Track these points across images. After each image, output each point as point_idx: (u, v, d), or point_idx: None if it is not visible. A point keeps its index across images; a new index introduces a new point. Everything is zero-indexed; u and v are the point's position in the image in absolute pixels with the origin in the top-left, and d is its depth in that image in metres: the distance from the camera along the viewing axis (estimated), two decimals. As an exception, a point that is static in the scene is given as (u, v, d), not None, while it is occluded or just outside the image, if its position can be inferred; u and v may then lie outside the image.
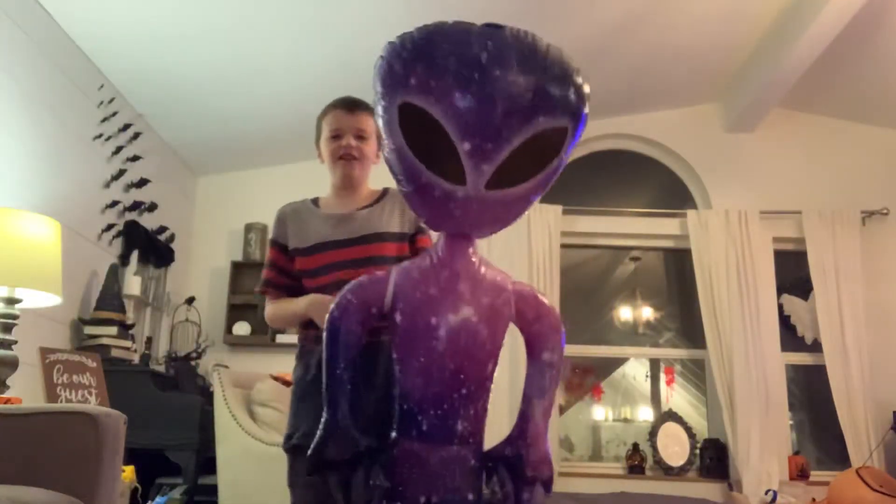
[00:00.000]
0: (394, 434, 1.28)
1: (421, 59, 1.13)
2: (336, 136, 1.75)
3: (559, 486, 4.35)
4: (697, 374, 5.32)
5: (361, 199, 1.80)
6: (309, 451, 1.28)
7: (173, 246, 4.46)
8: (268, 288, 1.81)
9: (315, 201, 1.84)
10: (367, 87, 1.52)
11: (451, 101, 1.12)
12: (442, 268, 1.25)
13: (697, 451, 4.68)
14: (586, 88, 1.21)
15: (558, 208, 4.84)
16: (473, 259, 1.26)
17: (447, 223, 1.25)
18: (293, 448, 1.70)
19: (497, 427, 4.33)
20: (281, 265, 1.79)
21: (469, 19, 1.20)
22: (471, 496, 1.27)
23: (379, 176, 1.71)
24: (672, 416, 4.83)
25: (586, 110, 1.21)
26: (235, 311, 4.70)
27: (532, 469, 1.27)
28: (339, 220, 1.77)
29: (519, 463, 1.28)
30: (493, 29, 1.16)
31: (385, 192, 1.82)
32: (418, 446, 1.25)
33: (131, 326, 3.78)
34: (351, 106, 1.77)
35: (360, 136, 1.75)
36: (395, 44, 1.16)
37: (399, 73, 1.13)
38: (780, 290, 4.88)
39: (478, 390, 1.27)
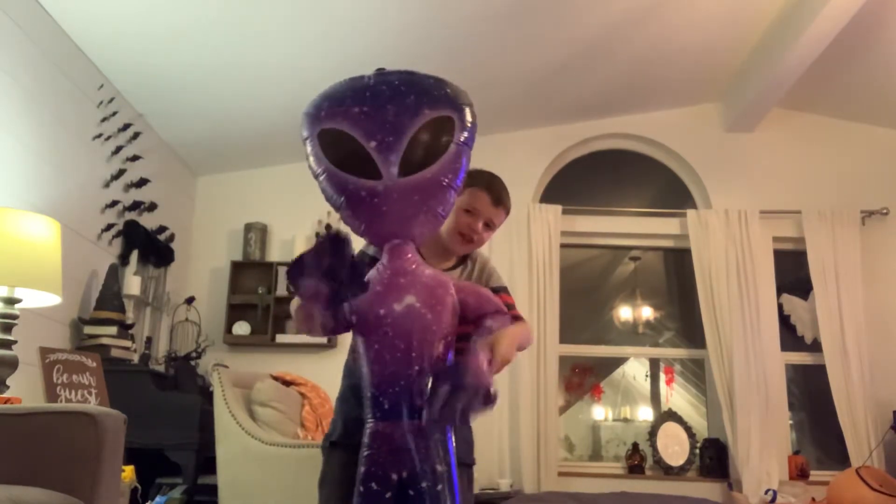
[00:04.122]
0: (367, 422, 1.40)
1: (326, 98, 1.48)
2: (469, 213, 1.80)
3: (559, 485, 4.35)
4: (697, 374, 5.32)
5: (447, 260, 1.87)
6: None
7: (173, 246, 4.46)
8: None
9: None
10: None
11: (353, 114, 1.44)
12: (385, 270, 1.44)
13: (697, 451, 4.68)
14: (461, 89, 1.52)
15: (558, 208, 4.84)
16: (411, 258, 1.46)
17: (380, 223, 1.45)
18: (330, 445, 1.72)
19: (497, 427, 4.34)
20: None
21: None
22: (439, 467, 1.35)
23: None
24: (672, 415, 4.83)
25: (466, 104, 1.50)
26: (235, 311, 4.70)
27: (473, 375, 1.35)
28: None
29: (455, 370, 1.37)
30: (378, 69, 1.54)
31: (466, 256, 1.88)
32: (383, 425, 1.37)
33: (131, 326, 3.78)
34: (497, 198, 1.83)
35: (489, 225, 1.83)
36: (309, 101, 1.50)
37: (313, 114, 1.47)
38: (780, 289, 4.88)
39: (431, 367, 1.39)
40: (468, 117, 1.51)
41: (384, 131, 1.42)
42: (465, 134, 1.49)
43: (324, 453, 1.75)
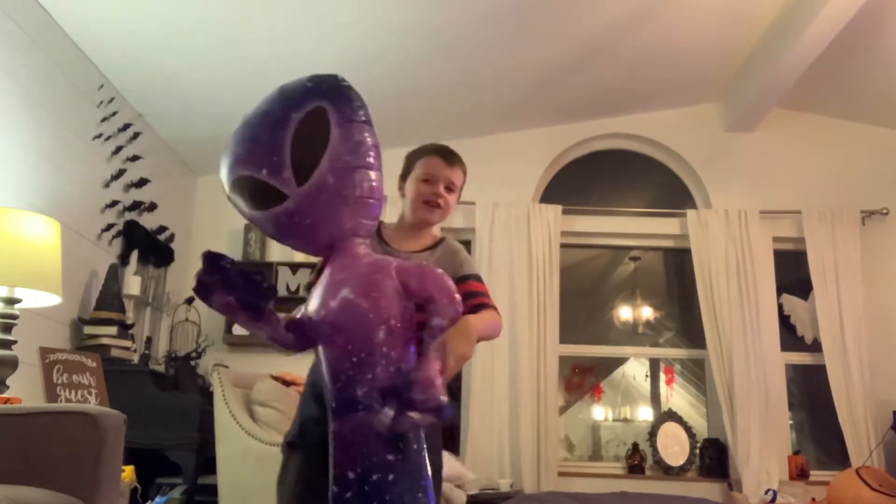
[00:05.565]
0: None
1: (225, 153, 1.48)
2: (428, 181, 1.81)
3: (559, 485, 4.35)
4: (697, 374, 5.32)
5: (421, 242, 1.85)
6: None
7: (173, 246, 4.46)
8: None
9: (379, 229, 1.85)
10: (366, 87, 1.57)
11: (241, 157, 1.45)
12: (326, 272, 1.44)
13: (697, 451, 4.68)
14: (326, 75, 1.49)
15: (558, 208, 4.84)
16: (353, 251, 1.44)
17: (312, 236, 1.45)
18: (287, 445, 1.71)
19: (497, 427, 4.34)
20: None
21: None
22: (390, 456, 1.32)
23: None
24: (672, 415, 4.83)
25: (334, 85, 1.47)
26: (235, 311, 4.69)
27: (421, 390, 1.31)
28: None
29: (407, 388, 1.32)
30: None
31: (441, 240, 1.86)
32: (334, 425, 1.36)
33: (131, 326, 3.78)
34: (450, 158, 1.83)
35: (450, 188, 1.82)
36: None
37: (222, 175, 1.49)
38: (780, 289, 4.88)
39: (371, 356, 1.35)
40: (341, 96, 1.47)
41: (267, 155, 1.42)
42: (345, 112, 1.45)
43: (283, 452, 1.73)
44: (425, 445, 1.38)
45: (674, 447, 4.71)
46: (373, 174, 1.46)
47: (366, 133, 1.47)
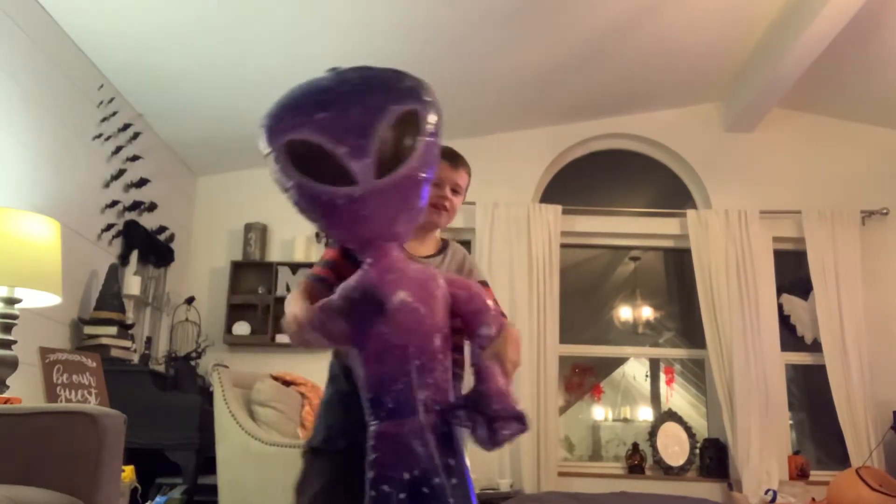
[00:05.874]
0: (370, 426, 1.37)
1: (285, 107, 1.40)
2: (434, 185, 1.79)
3: (559, 485, 4.35)
4: (697, 374, 5.32)
5: (427, 246, 1.85)
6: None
7: (173, 246, 4.46)
8: (315, 283, 1.66)
9: None
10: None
11: (316, 121, 1.37)
12: (371, 269, 1.40)
13: (697, 451, 4.68)
14: (420, 79, 1.48)
15: (558, 208, 4.84)
16: (397, 255, 1.42)
17: (362, 228, 1.41)
18: (311, 450, 1.68)
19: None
20: (340, 269, 1.65)
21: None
22: (451, 460, 1.32)
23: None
24: (672, 415, 4.83)
25: (428, 94, 1.46)
26: (235, 311, 4.70)
27: (498, 402, 1.31)
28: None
29: (480, 399, 1.33)
30: (332, 69, 1.48)
31: (446, 244, 1.86)
32: (388, 425, 1.34)
33: (131, 326, 3.78)
34: (454, 160, 1.84)
35: (455, 191, 1.83)
36: (265, 113, 1.41)
37: (274, 126, 1.39)
38: (780, 289, 4.88)
39: (430, 361, 1.36)
40: (432, 107, 1.47)
41: (352, 135, 1.36)
42: (432, 125, 1.45)
43: (304, 458, 1.69)
44: (464, 450, 1.39)
45: (674, 447, 4.71)
46: (428, 192, 1.47)
47: (438, 149, 1.47)
